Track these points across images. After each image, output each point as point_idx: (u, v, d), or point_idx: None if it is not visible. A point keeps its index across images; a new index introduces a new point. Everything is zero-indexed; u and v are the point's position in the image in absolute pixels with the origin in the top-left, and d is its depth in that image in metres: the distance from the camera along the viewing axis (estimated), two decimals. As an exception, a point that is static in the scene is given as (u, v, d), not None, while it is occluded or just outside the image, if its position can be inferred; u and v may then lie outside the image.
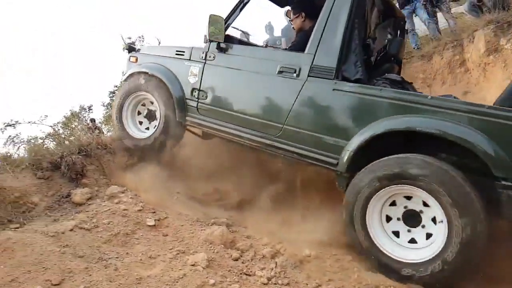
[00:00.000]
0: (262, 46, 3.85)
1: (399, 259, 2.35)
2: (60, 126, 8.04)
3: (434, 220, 2.31)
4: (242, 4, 3.27)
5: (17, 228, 2.62)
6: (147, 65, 3.69)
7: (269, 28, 7.77)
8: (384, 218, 2.48)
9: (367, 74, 2.87)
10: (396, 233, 2.45)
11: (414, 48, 6.40)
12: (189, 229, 2.88)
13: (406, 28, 6.79)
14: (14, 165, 3.09)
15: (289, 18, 3.40)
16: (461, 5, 7.80)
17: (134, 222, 2.81)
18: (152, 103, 3.74)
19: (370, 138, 2.48)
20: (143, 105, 3.86)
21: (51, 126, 8.13)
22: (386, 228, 2.46)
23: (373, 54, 3.32)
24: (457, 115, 2.28)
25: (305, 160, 2.85)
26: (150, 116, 3.82)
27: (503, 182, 2.10)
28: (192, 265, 2.34)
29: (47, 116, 7.97)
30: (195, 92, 3.36)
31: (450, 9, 6.67)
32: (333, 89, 2.70)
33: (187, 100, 3.41)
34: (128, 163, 3.75)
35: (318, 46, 2.80)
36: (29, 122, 8.21)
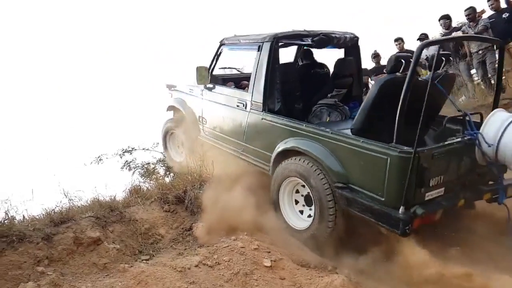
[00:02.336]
0: (235, 84, 4.95)
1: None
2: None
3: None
4: (217, 56, 4.51)
5: (147, 260, 2.79)
6: (175, 99, 5.31)
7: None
8: (293, 201, 3.48)
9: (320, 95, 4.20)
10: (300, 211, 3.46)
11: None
12: (306, 274, 2.79)
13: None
14: (145, 197, 3.33)
15: None
16: None
17: (251, 261, 2.80)
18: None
19: (279, 152, 3.45)
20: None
21: (161, 153, 8.89)
22: (296, 208, 3.47)
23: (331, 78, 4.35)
24: (317, 138, 3.16)
25: (259, 168, 3.83)
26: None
27: (336, 184, 2.99)
28: (316, 317, 2.23)
29: (158, 143, 8.70)
30: (200, 118, 4.79)
31: None
32: (262, 119, 3.72)
33: (198, 124, 4.85)
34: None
35: (253, 87, 3.83)
36: (143, 149, 9.08)
